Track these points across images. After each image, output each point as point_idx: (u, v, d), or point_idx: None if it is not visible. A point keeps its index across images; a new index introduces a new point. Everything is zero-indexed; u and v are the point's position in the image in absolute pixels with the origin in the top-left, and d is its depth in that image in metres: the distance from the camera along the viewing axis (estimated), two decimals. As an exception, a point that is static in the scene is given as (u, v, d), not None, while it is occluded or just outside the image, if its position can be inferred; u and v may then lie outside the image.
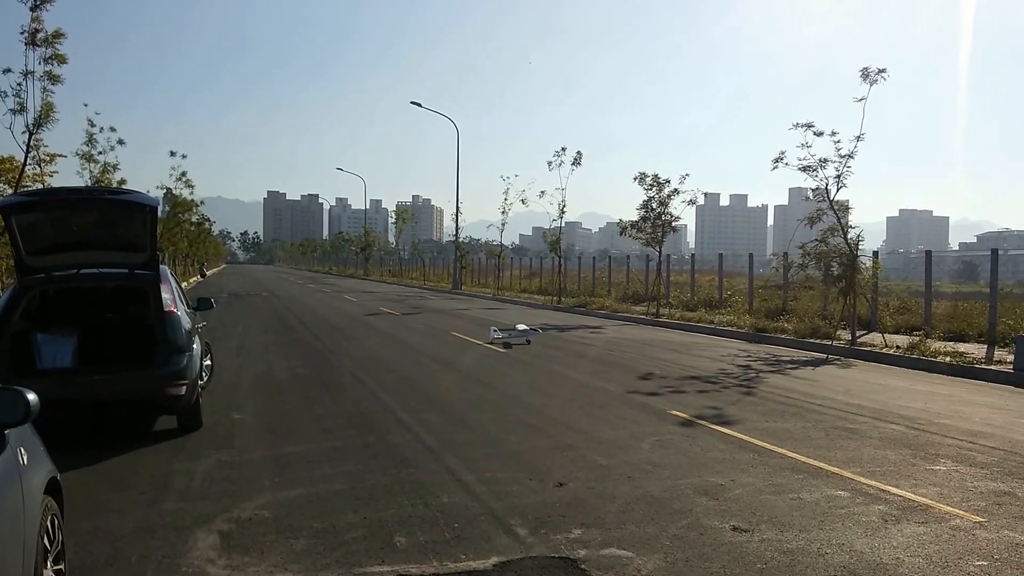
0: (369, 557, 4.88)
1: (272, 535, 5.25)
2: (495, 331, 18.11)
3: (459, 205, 48.95)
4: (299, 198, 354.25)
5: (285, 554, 4.92)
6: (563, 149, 32.40)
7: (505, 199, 39.11)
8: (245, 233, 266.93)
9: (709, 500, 6.12)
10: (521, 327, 18.30)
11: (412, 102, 50.63)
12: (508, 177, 38.84)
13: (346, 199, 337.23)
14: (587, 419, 9.27)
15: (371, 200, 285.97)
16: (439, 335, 19.82)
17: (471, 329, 21.39)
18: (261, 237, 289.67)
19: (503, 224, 41.64)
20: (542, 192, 34.13)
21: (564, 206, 33.60)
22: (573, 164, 32.29)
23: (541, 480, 6.57)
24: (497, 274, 45.16)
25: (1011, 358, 13.95)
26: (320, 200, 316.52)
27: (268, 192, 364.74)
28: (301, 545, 5.07)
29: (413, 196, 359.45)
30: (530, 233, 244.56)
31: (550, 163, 32.74)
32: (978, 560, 4.95)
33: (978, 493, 6.48)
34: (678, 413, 9.67)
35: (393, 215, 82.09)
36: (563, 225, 34.78)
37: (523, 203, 37.19)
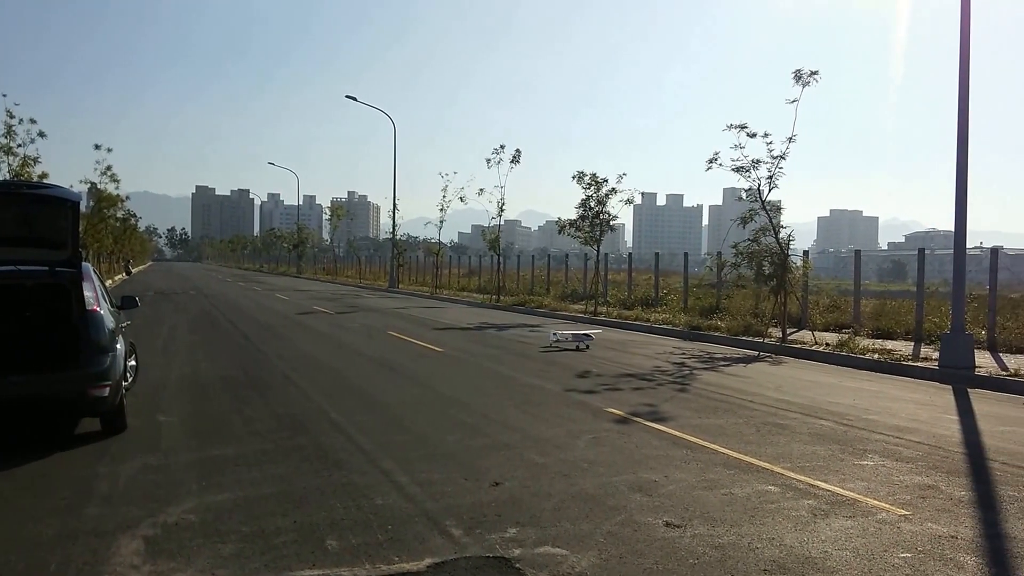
0: (299, 561, 4.83)
1: (199, 540, 5.15)
2: (555, 335, 17.76)
3: (396, 202, 48.57)
4: (229, 193, 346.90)
5: (212, 559, 4.83)
6: (502, 147, 32.52)
7: (444, 196, 39.06)
8: (172, 229, 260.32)
9: (643, 496, 6.22)
10: (578, 333, 17.81)
11: (348, 96, 50.17)
12: (447, 174, 38.76)
13: (279, 195, 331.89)
14: (525, 418, 9.32)
15: (305, 196, 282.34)
16: (375, 334, 19.66)
17: (408, 328, 21.29)
18: (189, 233, 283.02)
19: (441, 222, 41.54)
20: (481, 190, 34.30)
21: (503, 204, 33.74)
22: (512, 162, 32.42)
23: (477, 480, 6.58)
24: (435, 272, 44.99)
25: (937, 355, 14.50)
26: (251, 195, 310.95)
27: (196, 187, 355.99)
28: (229, 550, 4.98)
29: (349, 192, 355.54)
30: (469, 231, 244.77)
31: (489, 160, 32.81)
32: (902, 552, 5.14)
33: (903, 487, 6.72)
34: (614, 411, 9.80)
35: (328, 211, 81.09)
36: (502, 223, 34.87)
37: (462, 200, 37.19)
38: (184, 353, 14.97)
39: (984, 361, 14.41)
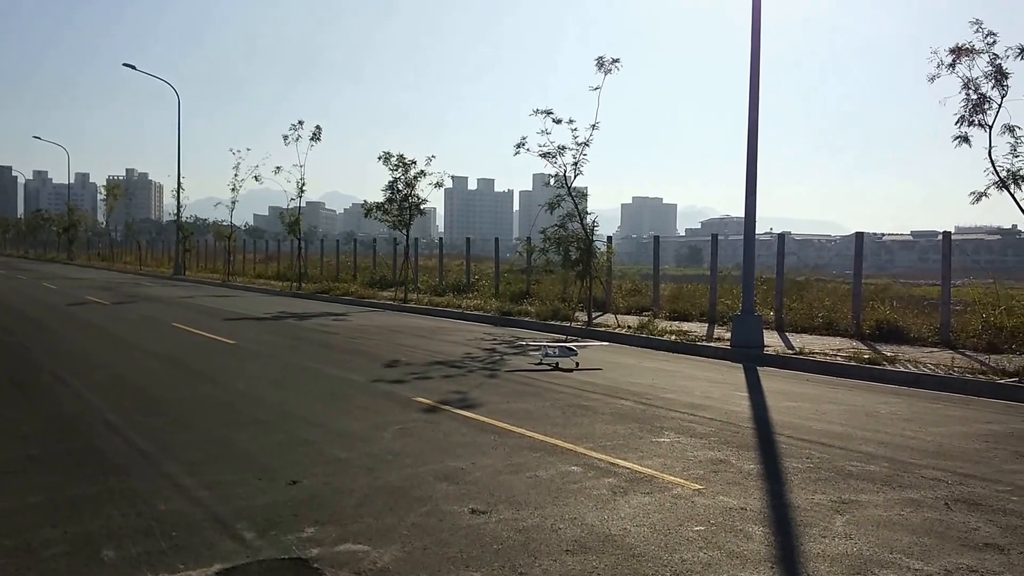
0: (71, 574, 4.50)
1: (-56, 564, 4.66)
2: (545, 349, 13.36)
3: (181, 180, 45.89)
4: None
5: (-40, 585, 4.39)
6: (300, 123, 31.55)
7: (236, 175, 37.37)
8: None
9: (449, 485, 6.31)
10: (565, 346, 13.51)
11: (126, 64, 46.76)
12: (239, 151, 37.06)
13: (46, 172, 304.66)
14: (327, 412, 9.17)
15: (77, 174, 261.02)
16: (158, 327, 18.57)
17: (196, 319, 20.28)
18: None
19: (233, 202, 39.69)
20: (278, 168, 32.99)
21: (303, 184, 32.74)
22: (312, 139, 31.51)
23: (272, 479, 6.40)
24: (227, 258, 43.05)
25: (729, 335, 15.74)
26: (14, 173, 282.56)
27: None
28: (-18, 572, 4.55)
29: (128, 170, 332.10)
30: (267, 213, 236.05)
31: (286, 137, 31.72)
32: (696, 526, 5.55)
33: (697, 462, 7.25)
34: (423, 400, 9.85)
35: (103, 190, 75.47)
36: (303, 205, 33.90)
37: (256, 180, 35.72)
38: (-75, 352, 13.42)
39: (772, 340, 15.79)
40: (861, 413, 9.77)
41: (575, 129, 19.19)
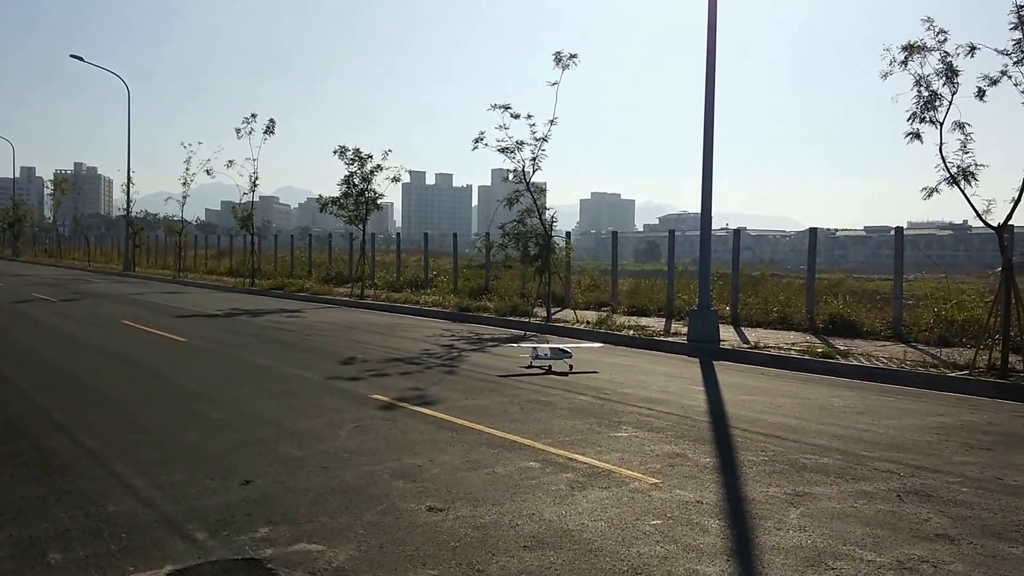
0: (13, 582, 4.40)
1: None
2: (536, 350, 12.59)
3: (131, 174, 44.99)
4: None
5: None
6: (253, 116, 31.19)
7: (187, 169, 36.75)
8: None
9: (406, 483, 6.28)
10: (555, 347, 12.71)
11: (73, 55, 45.70)
12: (190, 144, 36.47)
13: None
14: (281, 410, 9.07)
15: (23, 167, 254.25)
16: (107, 324, 18.21)
17: (146, 316, 19.94)
18: None
19: (184, 197, 39.09)
20: (230, 162, 32.53)
21: (256, 178, 32.36)
22: (266, 132, 31.17)
23: (225, 479, 6.32)
24: (178, 254, 42.35)
25: (686, 330, 15.89)
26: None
27: None
28: (-80, 579, 4.42)
29: (76, 164, 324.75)
30: (219, 208, 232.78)
31: (239, 130, 31.32)
32: (653, 520, 5.60)
33: (654, 456, 7.31)
34: (379, 397, 9.80)
35: (50, 185, 73.72)
36: (256, 199, 33.49)
37: (208, 174, 35.26)
38: None
39: (728, 335, 15.99)
40: (815, 406, 9.94)
41: (533, 124, 19.24)
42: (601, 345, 15.31)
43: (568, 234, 24.38)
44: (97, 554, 4.78)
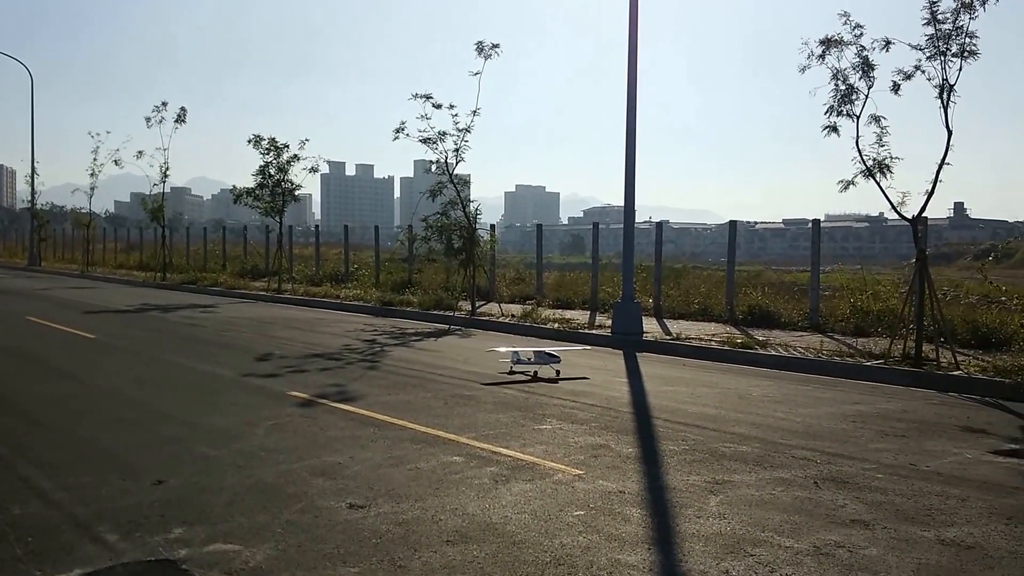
0: (-95, 594, 4.22)
1: None
2: (517, 354, 11.70)
3: (35, 164, 43.43)
4: None
5: None
6: (164, 104, 30.34)
7: (95, 159, 35.57)
8: None
9: (326, 481, 6.23)
10: (540, 351, 11.73)
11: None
12: (98, 134, 35.30)
13: None
14: (195, 408, 8.89)
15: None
16: (11, 321, 17.54)
17: (53, 312, 19.23)
18: None
19: (92, 188, 37.75)
20: (139, 152, 31.60)
21: (167, 168, 31.48)
22: (177, 121, 30.34)
23: (137, 480, 6.17)
24: (86, 248, 40.92)
25: (610, 322, 16.12)
26: None
27: None
28: None
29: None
30: (128, 200, 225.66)
31: (149, 119, 30.42)
32: (576, 511, 5.68)
33: (578, 448, 7.42)
34: (298, 394, 9.67)
35: (-56, 175, 70.38)
36: (167, 190, 32.59)
37: (117, 164, 34.16)
38: None
39: (651, 327, 16.28)
40: (734, 396, 10.22)
41: (456, 115, 19.19)
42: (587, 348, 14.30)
43: (493, 227, 24.41)
44: (1, 559, 4.62)
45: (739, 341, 14.00)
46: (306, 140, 26.31)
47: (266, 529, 5.19)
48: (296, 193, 26.82)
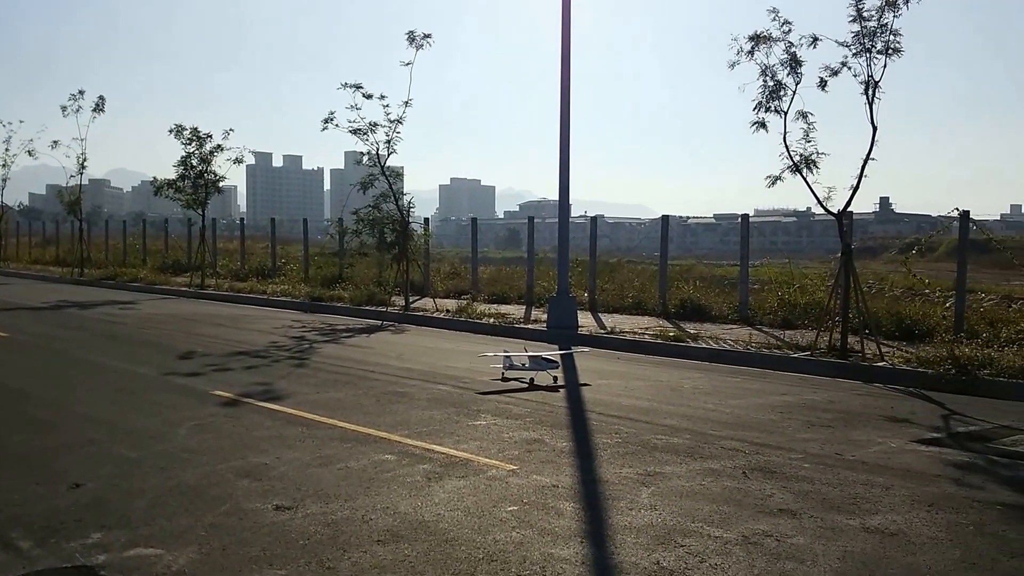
0: None
1: None
2: (510, 359, 10.73)
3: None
4: None
5: None
6: (81, 92, 29.31)
7: (7, 150, 34.27)
8: None
9: (252, 482, 6.14)
10: (536, 355, 10.74)
11: None
12: (9, 123, 34.05)
13: None
14: (113, 409, 8.67)
15: None
16: (-88, 319, 16.78)
17: (-41, 310, 18.50)
18: None
19: (4, 180, 36.37)
20: (55, 142, 30.53)
21: (84, 159, 30.48)
22: (95, 110, 29.38)
23: (52, 483, 5.99)
24: (-2, 242, 39.47)
25: (545, 317, 16.22)
26: None
27: None
28: None
29: None
30: (44, 192, 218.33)
31: (65, 108, 29.40)
32: (510, 506, 5.71)
33: (512, 443, 7.45)
34: (222, 393, 9.50)
35: None
36: (85, 182, 31.61)
37: (30, 155, 32.95)
38: None
39: (586, 321, 16.42)
40: (667, 388, 10.39)
41: (387, 105, 19.01)
42: (588, 350, 13.53)
43: (427, 220, 24.31)
44: (-100, 573, 4.44)
45: (671, 334, 14.23)
46: (230, 130, 25.83)
47: (189, 532, 5.09)
48: (220, 185, 26.33)
